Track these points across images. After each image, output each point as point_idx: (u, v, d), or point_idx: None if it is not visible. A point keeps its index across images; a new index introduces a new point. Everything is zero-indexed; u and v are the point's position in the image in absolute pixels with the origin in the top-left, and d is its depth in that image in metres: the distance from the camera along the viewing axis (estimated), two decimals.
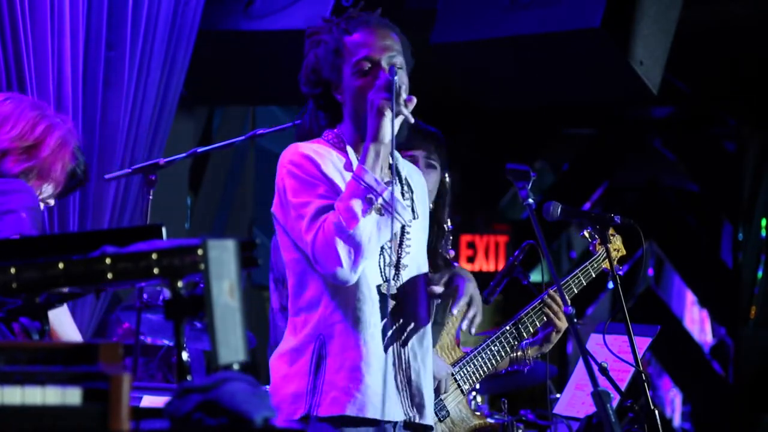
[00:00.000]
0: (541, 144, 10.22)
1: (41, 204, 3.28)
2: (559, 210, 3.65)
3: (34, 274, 1.99)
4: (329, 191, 3.04)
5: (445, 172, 3.87)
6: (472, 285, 3.22)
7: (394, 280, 3.10)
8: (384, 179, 3.01)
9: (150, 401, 3.80)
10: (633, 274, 4.76)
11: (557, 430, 4.57)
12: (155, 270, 1.94)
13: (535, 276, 5.06)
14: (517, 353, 3.98)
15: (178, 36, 5.38)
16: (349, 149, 3.13)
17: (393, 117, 2.98)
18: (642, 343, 3.93)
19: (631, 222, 3.84)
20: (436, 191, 3.82)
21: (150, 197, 4.11)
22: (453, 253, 3.93)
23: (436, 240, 3.77)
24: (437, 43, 5.65)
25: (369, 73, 3.06)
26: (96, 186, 5.06)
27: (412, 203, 3.20)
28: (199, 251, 1.92)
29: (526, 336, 3.88)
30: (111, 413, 1.82)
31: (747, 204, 9.24)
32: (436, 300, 3.28)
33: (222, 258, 1.93)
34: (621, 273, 3.93)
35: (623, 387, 3.81)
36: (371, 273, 3.06)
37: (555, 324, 3.88)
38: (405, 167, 3.26)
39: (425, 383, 3.15)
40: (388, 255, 3.09)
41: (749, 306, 9.13)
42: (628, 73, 5.31)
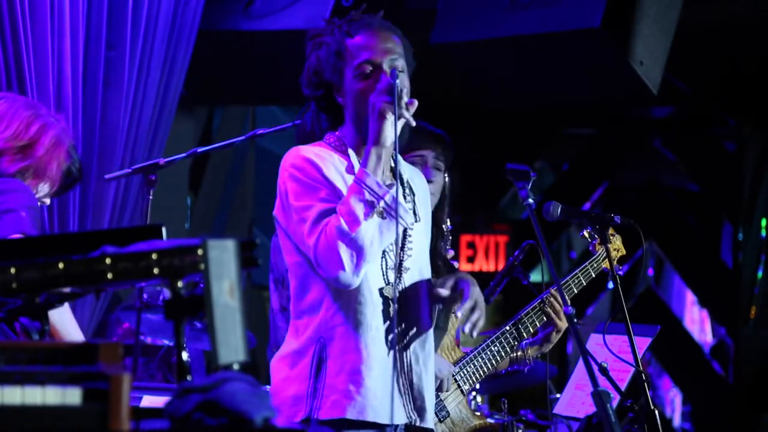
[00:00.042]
0: (541, 144, 10.21)
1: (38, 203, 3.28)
2: (559, 210, 3.65)
3: (34, 274, 1.99)
4: (331, 195, 3.03)
5: (446, 173, 3.87)
6: (476, 289, 3.20)
7: (396, 283, 3.09)
8: (386, 182, 3.01)
9: (150, 401, 3.80)
10: (633, 274, 4.76)
11: (557, 430, 4.57)
12: (155, 270, 1.94)
13: (535, 276, 5.06)
14: (517, 353, 3.98)
15: (178, 36, 5.37)
16: (351, 152, 3.13)
17: (395, 120, 2.97)
18: (642, 343, 3.93)
19: (631, 222, 3.84)
20: (440, 193, 3.82)
21: (150, 197, 4.11)
22: (452, 253, 3.93)
23: (435, 240, 3.77)
24: (437, 43, 5.65)
25: (370, 76, 3.05)
26: (96, 186, 5.06)
27: (414, 206, 3.19)
28: (199, 251, 1.92)
29: (526, 336, 3.88)
30: (111, 413, 1.82)
31: (747, 204, 9.24)
32: (439, 304, 3.27)
33: (222, 258, 1.93)
34: (621, 273, 3.93)
35: (623, 387, 3.81)
36: (373, 276, 3.05)
37: (555, 324, 3.89)
38: (407, 170, 3.26)
39: (427, 386, 3.14)
40: (390, 258, 3.09)
41: (749, 306, 9.13)
42: (628, 73, 5.31)
